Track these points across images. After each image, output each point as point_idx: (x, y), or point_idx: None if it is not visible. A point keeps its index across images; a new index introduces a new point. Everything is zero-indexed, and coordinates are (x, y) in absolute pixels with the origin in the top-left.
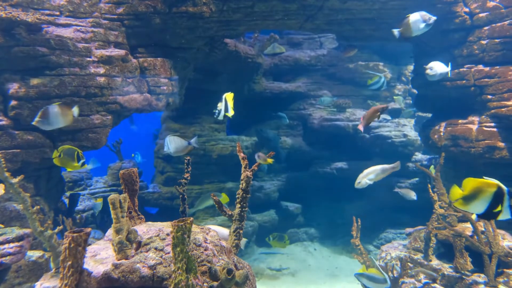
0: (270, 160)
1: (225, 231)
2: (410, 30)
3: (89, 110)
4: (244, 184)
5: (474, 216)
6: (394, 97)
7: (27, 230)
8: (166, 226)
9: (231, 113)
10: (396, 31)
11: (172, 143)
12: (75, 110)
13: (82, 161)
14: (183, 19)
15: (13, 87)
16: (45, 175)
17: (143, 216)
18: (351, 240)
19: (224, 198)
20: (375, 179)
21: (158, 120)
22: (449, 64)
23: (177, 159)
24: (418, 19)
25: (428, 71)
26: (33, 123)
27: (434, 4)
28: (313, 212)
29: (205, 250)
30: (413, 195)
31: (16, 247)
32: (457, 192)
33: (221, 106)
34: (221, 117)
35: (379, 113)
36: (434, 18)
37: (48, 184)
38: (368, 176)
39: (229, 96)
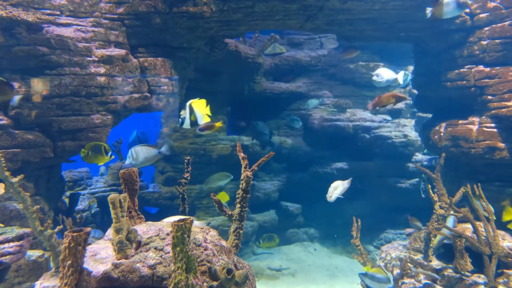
0: (219, 124)
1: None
2: (442, 12)
3: (89, 110)
4: (244, 184)
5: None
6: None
7: (27, 230)
8: (166, 226)
9: (202, 121)
10: (428, 10)
11: (140, 154)
12: (18, 98)
13: (110, 153)
14: (183, 19)
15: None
16: (45, 175)
17: (143, 216)
18: (351, 240)
19: (224, 197)
20: (342, 192)
21: (158, 120)
22: (403, 72)
23: (177, 158)
24: (452, 1)
25: (374, 78)
26: None
27: None
28: (313, 212)
29: (205, 250)
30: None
31: (16, 246)
32: (510, 212)
33: (184, 114)
34: (186, 126)
35: (395, 99)
36: (469, 2)
37: (48, 183)
38: (336, 190)
39: (197, 103)
